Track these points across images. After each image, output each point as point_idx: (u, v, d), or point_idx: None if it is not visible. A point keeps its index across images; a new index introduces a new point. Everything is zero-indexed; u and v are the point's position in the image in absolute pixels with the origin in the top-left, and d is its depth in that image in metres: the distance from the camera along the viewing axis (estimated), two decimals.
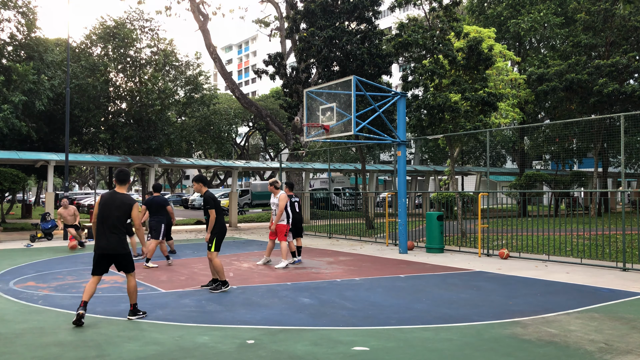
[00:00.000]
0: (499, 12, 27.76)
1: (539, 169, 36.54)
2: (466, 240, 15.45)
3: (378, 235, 17.76)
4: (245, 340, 5.57)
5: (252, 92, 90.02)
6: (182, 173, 74.76)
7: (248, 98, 28.92)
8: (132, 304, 6.59)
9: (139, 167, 23.85)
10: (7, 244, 16.20)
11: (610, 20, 25.76)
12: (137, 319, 6.50)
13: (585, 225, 18.25)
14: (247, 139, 51.83)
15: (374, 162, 46.87)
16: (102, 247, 6.38)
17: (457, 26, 16.63)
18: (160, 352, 5.19)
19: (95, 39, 25.83)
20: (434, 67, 16.09)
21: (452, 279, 9.45)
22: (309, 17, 20.02)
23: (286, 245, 11.05)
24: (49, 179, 20.05)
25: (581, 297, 7.78)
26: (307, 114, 13.78)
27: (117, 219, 6.38)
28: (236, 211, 24.77)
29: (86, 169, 64.09)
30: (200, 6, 27.25)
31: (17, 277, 9.87)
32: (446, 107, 15.69)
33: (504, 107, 21.32)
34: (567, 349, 5.24)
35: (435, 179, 34.53)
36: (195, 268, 11.00)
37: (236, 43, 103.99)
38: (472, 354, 5.11)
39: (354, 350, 5.21)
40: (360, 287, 8.70)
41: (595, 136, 26.31)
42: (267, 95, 48.69)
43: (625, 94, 23.09)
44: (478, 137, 29.95)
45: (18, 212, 38.07)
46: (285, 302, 7.52)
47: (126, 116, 26.00)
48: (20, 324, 6.31)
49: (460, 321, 6.36)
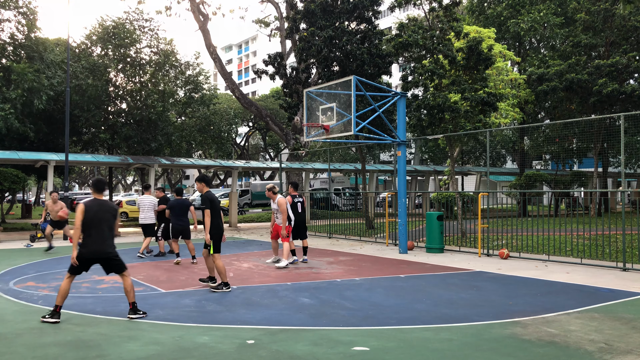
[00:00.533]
0: (499, 12, 27.75)
1: (539, 169, 36.54)
2: (466, 240, 15.44)
3: (378, 235, 17.76)
4: (245, 340, 5.57)
5: (252, 92, 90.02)
6: (182, 173, 74.71)
7: (248, 98, 28.92)
8: (131, 303, 6.62)
9: (139, 167, 23.85)
10: (7, 244, 16.20)
11: (610, 20, 25.76)
12: (137, 319, 6.51)
13: (585, 225, 18.26)
14: (247, 139, 51.82)
15: (374, 162, 46.86)
16: (94, 252, 6.51)
17: (457, 26, 16.63)
18: (160, 352, 5.19)
19: (95, 39, 25.81)
20: (433, 67, 16.09)
21: (452, 279, 9.45)
22: (309, 17, 20.02)
23: (287, 246, 11.08)
24: (49, 179, 20.05)
25: (581, 297, 7.78)
26: (307, 114, 13.78)
27: (109, 224, 6.63)
28: (236, 211, 24.76)
29: (86, 169, 64.11)
30: (200, 6, 27.25)
31: (17, 277, 9.87)
32: (446, 107, 15.69)
33: (504, 107, 21.32)
34: (567, 349, 5.24)
35: (435, 179, 34.52)
36: (195, 268, 11.00)
37: (236, 43, 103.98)
38: (472, 354, 5.11)
39: (354, 350, 5.21)
40: (360, 287, 8.70)
41: (595, 136, 26.31)
42: (267, 95, 48.68)
43: (625, 93, 23.09)
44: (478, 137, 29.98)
45: (18, 212, 38.06)
46: (285, 302, 7.52)
47: (126, 116, 25.99)
48: (20, 324, 6.31)
49: (460, 321, 6.36)
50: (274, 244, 11.62)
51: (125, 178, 71.88)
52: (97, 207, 6.57)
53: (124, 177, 70.81)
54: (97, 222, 6.50)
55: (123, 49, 25.22)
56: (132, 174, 63.05)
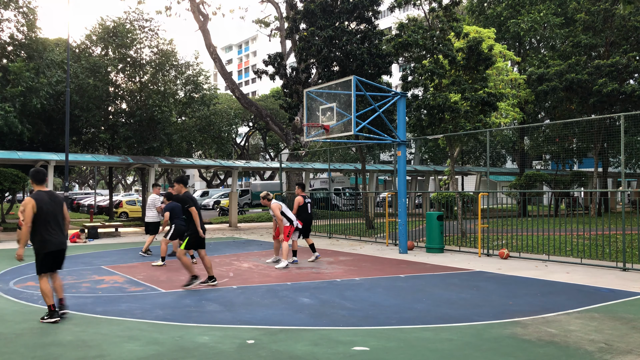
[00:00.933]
0: (499, 12, 27.75)
1: (539, 169, 36.53)
2: (466, 240, 15.44)
3: (378, 235, 17.76)
4: (245, 340, 5.57)
5: (252, 92, 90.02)
6: (182, 173, 74.75)
7: (248, 98, 28.92)
8: (60, 299, 6.56)
9: (139, 167, 23.85)
10: (7, 244, 16.20)
11: (610, 20, 25.75)
12: (49, 321, 6.30)
13: (585, 225, 18.25)
14: (247, 139, 51.83)
15: (374, 162, 46.85)
16: (60, 243, 6.50)
17: (457, 26, 16.62)
18: (160, 352, 5.19)
19: (95, 39, 25.80)
20: (433, 67, 16.08)
21: (452, 279, 9.45)
22: (309, 17, 20.02)
23: (287, 246, 11.09)
24: (49, 179, 20.05)
25: (581, 297, 7.78)
26: (307, 114, 13.78)
27: (62, 214, 6.60)
28: (236, 211, 24.75)
29: (86, 169, 64.08)
30: (200, 6, 27.25)
31: (17, 277, 9.87)
32: (446, 107, 15.68)
33: (504, 107, 21.31)
34: (567, 349, 5.24)
35: (435, 179, 34.51)
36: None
37: (236, 43, 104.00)
38: (472, 354, 5.11)
39: (354, 350, 5.21)
40: (360, 287, 8.71)
41: (595, 136, 26.31)
42: (267, 95, 48.68)
43: (625, 93, 23.09)
44: (478, 137, 29.94)
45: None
46: (285, 302, 7.52)
47: (126, 116, 25.99)
48: (20, 324, 6.31)
49: (460, 321, 6.36)
50: (276, 244, 11.65)
51: (125, 178, 71.89)
52: (48, 199, 6.44)
53: (124, 177, 70.82)
54: (51, 215, 6.39)
55: (123, 49, 25.21)
56: (132, 174, 63.04)
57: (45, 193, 6.49)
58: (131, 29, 25.55)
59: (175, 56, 27.11)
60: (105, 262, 12.04)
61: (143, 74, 26.11)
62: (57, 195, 6.64)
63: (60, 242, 6.47)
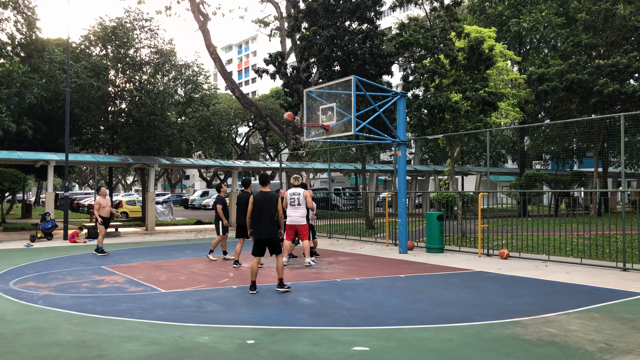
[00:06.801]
0: (500, 12, 27.74)
1: (539, 169, 36.51)
2: (466, 240, 15.44)
3: (378, 235, 17.75)
4: (245, 340, 5.57)
5: (252, 92, 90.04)
6: (182, 173, 74.73)
7: (248, 98, 28.91)
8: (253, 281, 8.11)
9: (139, 167, 23.85)
10: (7, 244, 16.20)
11: (610, 20, 25.74)
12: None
13: (585, 225, 18.26)
14: (247, 139, 51.81)
15: (374, 162, 46.85)
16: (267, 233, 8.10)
17: (458, 26, 16.62)
18: (160, 352, 5.19)
19: (94, 39, 25.79)
20: (434, 67, 16.08)
21: (452, 279, 9.45)
22: (311, 16, 20.01)
23: (288, 244, 11.13)
24: (49, 179, 20.04)
25: (581, 297, 7.77)
26: (307, 114, 13.78)
27: (274, 210, 8.10)
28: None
29: (86, 169, 64.08)
30: (200, 6, 27.24)
31: (17, 277, 9.87)
32: (447, 107, 15.68)
33: (505, 106, 21.30)
34: (567, 349, 5.24)
35: (435, 179, 34.50)
36: (195, 268, 11.00)
37: (236, 43, 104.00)
38: (472, 354, 5.10)
39: (354, 350, 5.21)
40: (360, 287, 8.70)
41: (595, 136, 26.30)
42: (267, 95, 48.66)
43: (626, 94, 23.07)
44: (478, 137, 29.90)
45: (18, 212, 38.07)
46: (285, 302, 7.52)
47: (126, 116, 25.98)
48: (20, 324, 6.31)
49: (460, 321, 6.36)
50: (286, 244, 11.45)
51: (125, 178, 71.90)
52: (262, 198, 7.90)
53: (124, 177, 70.83)
54: (266, 210, 7.88)
55: (123, 49, 25.20)
56: (132, 174, 63.03)
57: (261, 193, 8.14)
58: (131, 29, 25.54)
59: (175, 56, 27.10)
60: (105, 262, 12.04)
61: (142, 74, 26.10)
62: (273, 195, 8.18)
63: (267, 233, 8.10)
